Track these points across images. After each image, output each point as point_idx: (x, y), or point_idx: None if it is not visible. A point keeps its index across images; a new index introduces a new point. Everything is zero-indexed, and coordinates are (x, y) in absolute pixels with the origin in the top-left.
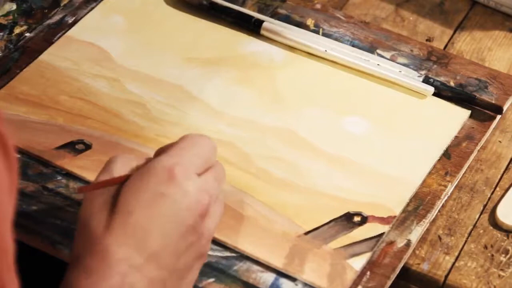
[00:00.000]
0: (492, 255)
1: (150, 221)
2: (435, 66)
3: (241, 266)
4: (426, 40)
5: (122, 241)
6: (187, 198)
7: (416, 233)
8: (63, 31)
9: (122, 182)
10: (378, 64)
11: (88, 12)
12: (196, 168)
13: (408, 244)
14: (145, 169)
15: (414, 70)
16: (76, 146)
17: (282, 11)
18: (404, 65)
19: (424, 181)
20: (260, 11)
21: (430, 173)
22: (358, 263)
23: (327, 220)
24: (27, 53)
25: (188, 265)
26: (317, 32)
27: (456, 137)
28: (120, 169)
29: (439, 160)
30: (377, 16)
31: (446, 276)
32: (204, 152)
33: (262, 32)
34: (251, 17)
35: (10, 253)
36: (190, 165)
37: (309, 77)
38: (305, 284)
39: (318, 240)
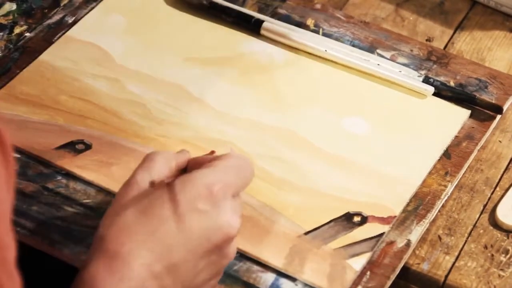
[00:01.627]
0: (492, 255)
1: (179, 233)
2: (435, 66)
3: (241, 266)
4: (426, 40)
5: (147, 247)
6: (221, 218)
7: (416, 233)
8: (63, 31)
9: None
10: (378, 64)
11: (88, 12)
12: (235, 190)
13: (408, 244)
14: (187, 180)
15: (414, 70)
16: (76, 146)
17: (282, 11)
18: (404, 65)
19: (424, 181)
20: (260, 11)
21: (430, 173)
22: (358, 263)
23: (327, 220)
24: (27, 53)
25: (204, 281)
26: (317, 32)
27: (456, 137)
28: (160, 168)
29: (439, 160)
30: (377, 16)
31: (446, 276)
32: (245, 176)
33: (262, 32)
34: (251, 17)
35: (9, 250)
36: (230, 185)
37: (309, 77)
38: (305, 284)
39: (318, 240)
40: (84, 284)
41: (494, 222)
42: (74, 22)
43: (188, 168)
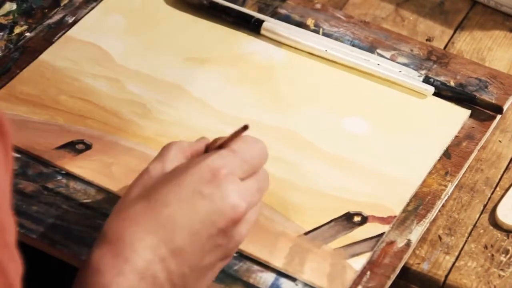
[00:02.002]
0: (492, 255)
1: (182, 216)
2: (435, 65)
3: (241, 266)
4: (426, 40)
5: (152, 229)
6: (224, 202)
7: (416, 233)
8: (63, 31)
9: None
10: (378, 64)
11: (88, 12)
12: (242, 173)
13: (408, 244)
14: (192, 164)
15: (414, 69)
16: (76, 146)
17: (282, 11)
18: (404, 64)
19: (424, 181)
20: (260, 11)
21: (430, 173)
22: (358, 263)
23: (327, 220)
24: (27, 53)
25: (211, 265)
26: (317, 32)
27: (456, 136)
28: (174, 157)
29: (439, 160)
30: (377, 16)
31: (446, 276)
32: (254, 158)
33: (262, 32)
34: (251, 17)
35: (9, 231)
36: (236, 170)
37: (309, 77)
38: (305, 284)
39: (318, 240)
40: (89, 268)
41: (494, 222)
42: (74, 22)
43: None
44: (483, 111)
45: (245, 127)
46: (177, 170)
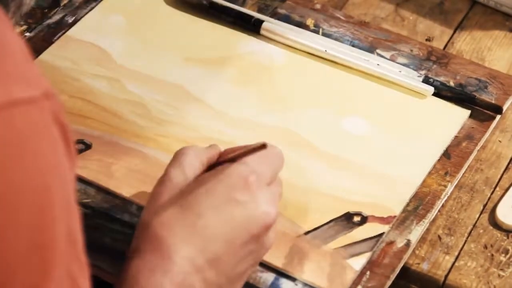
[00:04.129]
0: (492, 255)
1: (218, 225)
2: (435, 66)
3: None
4: (426, 40)
5: (188, 240)
6: (258, 208)
7: (416, 233)
8: (63, 31)
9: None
10: (378, 64)
11: (88, 12)
12: (268, 179)
13: (408, 244)
14: (220, 173)
15: (414, 70)
16: (76, 146)
17: (282, 11)
18: (404, 65)
19: (424, 181)
20: (260, 11)
21: (430, 173)
22: (358, 263)
23: (327, 220)
24: None
25: (243, 271)
26: (317, 32)
27: (456, 137)
28: (191, 163)
29: (439, 160)
30: (377, 16)
31: (446, 276)
32: (275, 164)
33: (262, 32)
34: (251, 17)
35: (81, 244)
36: (264, 175)
37: (309, 77)
38: (305, 284)
39: (318, 240)
40: (128, 278)
41: (494, 222)
42: (74, 22)
43: (219, 161)
44: (483, 111)
45: (263, 146)
46: (206, 179)
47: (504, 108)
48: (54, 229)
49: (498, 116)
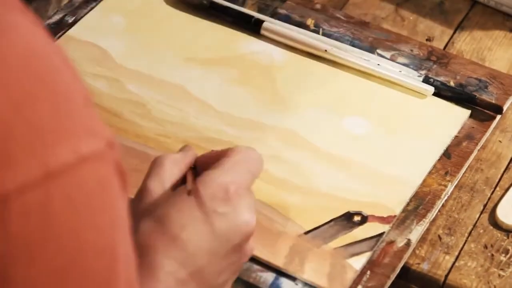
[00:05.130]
0: (492, 255)
1: (199, 238)
2: (435, 66)
3: None
4: (426, 40)
5: (171, 254)
6: (239, 218)
7: (416, 232)
8: (63, 31)
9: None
10: (378, 64)
11: (88, 12)
12: (247, 184)
13: (408, 243)
14: (200, 184)
15: (414, 70)
16: None
17: (282, 11)
18: (404, 65)
19: (424, 180)
20: (260, 11)
21: (430, 173)
22: (358, 262)
23: (327, 220)
24: None
25: (225, 281)
26: (317, 32)
27: (456, 137)
28: (170, 173)
29: (439, 160)
30: (377, 16)
31: (446, 276)
32: (254, 167)
33: (262, 32)
34: (251, 17)
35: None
36: (243, 182)
37: (309, 77)
38: (305, 283)
39: (318, 239)
40: None
41: (494, 222)
42: (74, 22)
43: (196, 165)
44: (483, 111)
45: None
46: (184, 190)
47: (504, 108)
48: (118, 281)
49: (498, 116)
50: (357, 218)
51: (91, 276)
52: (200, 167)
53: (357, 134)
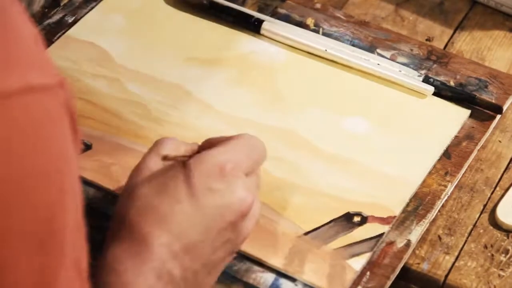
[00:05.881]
0: (492, 255)
1: (195, 212)
2: (435, 65)
3: (241, 266)
4: (426, 40)
5: (165, 227)
6: (234, 195)
7: (416, 233)
8: (63, 31)
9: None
10: (378, 64)
11: (88, 12)
12: (246, 168)
13: (408, 244)
14: (197, 160)
15: (414, 69)
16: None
17: (282, 10)
18: (404, 64)
19: (424, 181)
20: (260, 10)
21: (430, 173)
22: (358, 263)
23: (327, 220)
24: None
25: (219, 260)
26: (317, 32)
27: (456, 136)
28: (169, 150)
29: (439, 160)
30: (377, 16)
31: (446, 276)
32: (255, 155)
33: (262, 31)
34: (251, 16)
35: (83, 229)
36: (241, 164)
37: (309, 77)
38: (305, 284)
39: (318, 240)
40: (106, 266)
41: (494, 222)
42: (74, 22)
43: (201, 150)
44: (483, 111)
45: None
46: (184, 166)
47: (504, 107)
48: (66, 213)
49: (498, 116)
50: (357, 219)
51: (36, 206)
52: (204, 149)
53: (357, 134)
